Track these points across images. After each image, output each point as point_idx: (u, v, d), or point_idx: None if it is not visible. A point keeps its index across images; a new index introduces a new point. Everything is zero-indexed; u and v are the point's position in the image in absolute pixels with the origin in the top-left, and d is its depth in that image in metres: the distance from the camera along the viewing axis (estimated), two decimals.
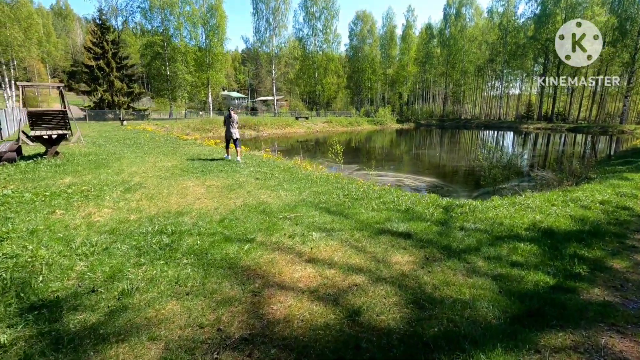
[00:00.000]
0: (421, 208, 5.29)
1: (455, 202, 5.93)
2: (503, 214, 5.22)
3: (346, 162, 18.44)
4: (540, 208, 5.70)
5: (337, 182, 7.23)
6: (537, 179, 10.40)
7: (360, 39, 59.82)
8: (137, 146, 12.36)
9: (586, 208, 5.74)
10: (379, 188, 6.77)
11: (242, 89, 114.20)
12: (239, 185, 6.73)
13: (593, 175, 9.56)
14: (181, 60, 37.67)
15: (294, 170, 8.43)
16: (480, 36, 56.59)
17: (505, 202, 6.15)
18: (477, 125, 52.56)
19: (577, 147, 27.02)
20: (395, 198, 5.85)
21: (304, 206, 5.30)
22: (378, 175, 14.23)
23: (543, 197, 6.80)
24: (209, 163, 9.25)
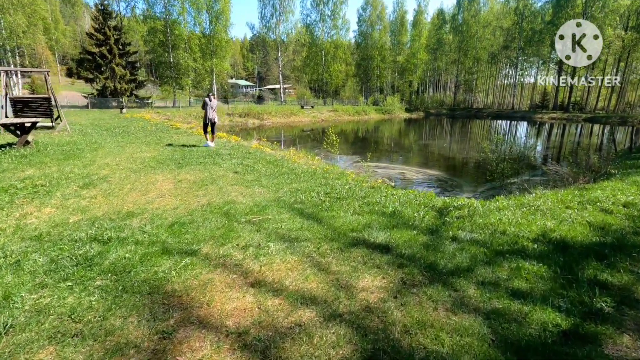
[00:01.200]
0: (411, 211, 4.55)
1: (453, 202, 5.17)
2: (508, 218, 4.45)
3: (348, 153, 17.67)
4: (552, 211, 4.90)
5: (323, 177, 6.51)
6: (550, 174, 9.50)
7: (369, 24, 57.98)
8: (123, 135, 11.79)
9: (607, 212, 4.93)
10: (368, 185, 6.04)
11: (250, 77, 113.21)
12: (213, 180, 6.06)
13: (613, 171, 8.63)
14: (184, 47, 36.94)
15: (280, 163, 7.72)
16: (494, 21, 54.28)
17: (511, 204, 5.36)
18: (489, 114, 50.85)
19: (594, 139, 25.64)
20: (383, 198, 5.11)
21: (276, 206, 4.62)
22: (379, 167, 13.46)
23: (556, 196, 5.98)
24: (192, 153, 8.60)
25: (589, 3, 43.18)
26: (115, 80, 33.93)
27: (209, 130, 10.31)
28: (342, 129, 32.24)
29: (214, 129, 10.36)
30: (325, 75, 55.67)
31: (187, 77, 37.80)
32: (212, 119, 10.12)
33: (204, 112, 10.20)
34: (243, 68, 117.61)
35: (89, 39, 34.43)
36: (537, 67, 60.14)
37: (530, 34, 49.61)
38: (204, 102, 10.15)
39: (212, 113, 10.08)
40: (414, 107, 54.92)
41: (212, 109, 10.10)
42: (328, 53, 54.10)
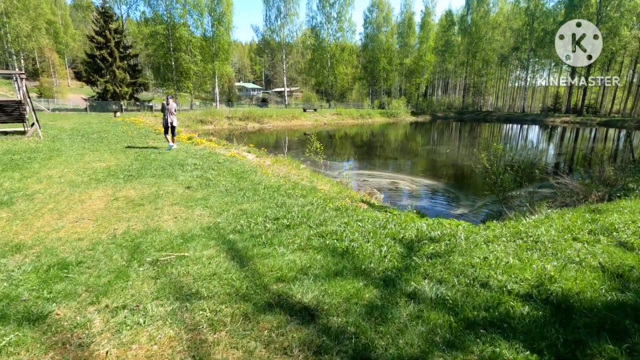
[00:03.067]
0: (372, 246, 3.59)
1: (431, 231, 4.20)
2: (496, 257, 3.46)
3: (343, 159, 16.72)
4: (555, 245, 3.89)
5: (285, 195, 5.58)
6: (558, 187, 8.41)
7: (376, 26, 57.00)
8: (96, 141, 11.06)
9: (625, 247, 3.89)
10: (335, 205, 5.08)
11: (257, 80, 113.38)
12: (156, 197, 5.20)
13: (632, 185, 7.51)
14: (185, 49, 36.52)
15: (246, 176, 6.82)
16: (504, 22, 52.80)
17: (505, 232, 4.36)
18: (499, 118, 49.28)
19: (608, 144, 24.17)
20: (343, 225, 4.16)
21: (205, 237, 3.72)
22: (372, 176, 12.50)
23: (562, 221, 4.95)
24: (154, 163, 7.77)
25: (603, 3, 41.54)
26: (116, 84, 33.64)
27: (170, 132, 10.34)
28: (343, 133, 31.29)
29: (174, 131, 10.35)
30: (330, 78, 54.86)
31: (189, 80, 37.34)
32: (170, 122, 10.15)
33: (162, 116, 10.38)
34: (251, 71, 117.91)
35: (89, 42, 34.26)
36: (549, 69, 58.32)
37: (542, 35, 48.00)
38: (162, 105, 10.20)
39: (170, 117, 10.13)
40: (420, 110, 53.62)
41: (171, 112, 10.15)
42: (333, 55, 53.30)
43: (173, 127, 10.25)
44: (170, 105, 10.12)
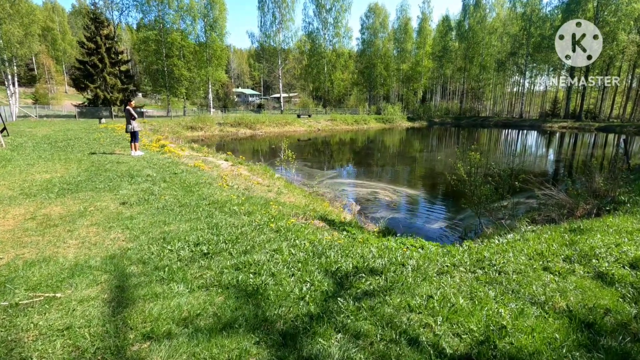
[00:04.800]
0: (294, 282, 2.98)
1: (375, 260, 3.58)
2: (442, 297, 2.84)
3: (329, 167, 16.13)
4: (520, 277, 3.27)
5: (228, 212, 4.98)
6: (543, 200, 7.79)
7: (373, 32, 56.71)
8: (60, 149, 10.49)
9: (604, 280, 3.27)
10: (277, 227, 4.46)
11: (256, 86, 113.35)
12: (79, 215, 4.61)
13: (622, 198, 6.88)
14: (178, 55, 36.17)
15: (196, 189, 6.22)
16: (501, 27, 52.48)
17: (465, 260, 3.74)
18: (496, 123, 48.71)
19: (605, 149, 23.53)
20: (271, 254, 3.54)
21: (100, 270, 3.11)
22: (353, 185, 11.89)
23: (536, 243, 4.33)
24: (106, 173, 7.17)
25: (600, 7, 41.18)
26: (107, 90, 33.24)
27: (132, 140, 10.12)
28: (336, 139, 30.75)
29: (135, 138, 10.07)
30: (327, 84, 54.51)
31: (182, 86, 36.93)
32: (131, 129, 9.93)
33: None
34: (250, 77, 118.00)
35: (80, 48, 33.96)
36: (547, 74, 57.92)
37: (539, 40, 47.59)
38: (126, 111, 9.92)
39: (131, 123, 9.92)
40: (417, 116, 53.10)
41: (130, 119, 9.93)
42: (330, 61, 52.98)
43: (134, 133, 9.72)
44: (127, 112, 9.81)
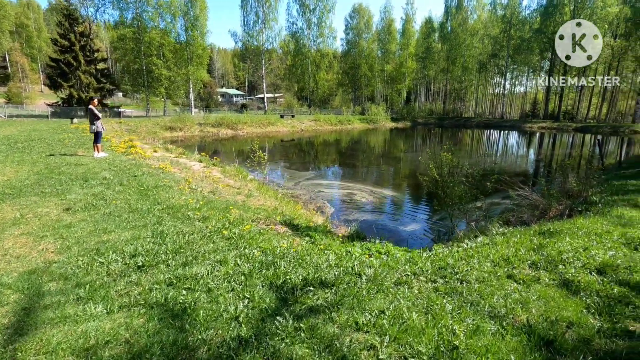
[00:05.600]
0: (232, 298, 2.68)
1: (329, 271, 3.30)
2: (395, 312, 2.59)
3: (307, 168, 15.83)
4: (482, 288, 3.04)
5: (181, 218, 4.63)
6: (517, 201, 7.69)
7: (357, 33, 56.71)
8: (17, 150, 9.85)
9: (569, 288, 3.07)
10: (231, 234, 4.13)
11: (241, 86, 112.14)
12: (13, 223, 4.18)
13: (594, 198, 6.82)
14: (157, 54, 35.24)
15: (153, 193, 5.83)
16: (482, 29, 53.28)
17: (427, 268, 3.50)
18: (478, 124, 49.39)
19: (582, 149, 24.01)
20: (213, 266, 3.22)
21: (12, 288, 2.74)
22: (330, 186, 11.63)
23: (504, 248, 4.14)
24: (59, 176, 6.68)
25: (577, 11, 42.20)
26: (82, 89, 32.10)
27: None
28: (319, 140, 30.49)
29: (98, 139, 9.48)
30: (311, 84, 54.23)
31: (161, 86, 35.99)
32: (95, 129, 9.33)
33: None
34: (234, 77, 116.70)
35: (53, 45, 32.71)
36: (527, 76, 59.17)
37: (519, 42, 48.52)
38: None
39: (94, 123, 9.36)
40: (401, 117, 53.37)
41: (92, 118, 9.33)
42: (314, 61, 52.72)
43: (97, 134, 9.21)
44: (90, 110, 9.27)
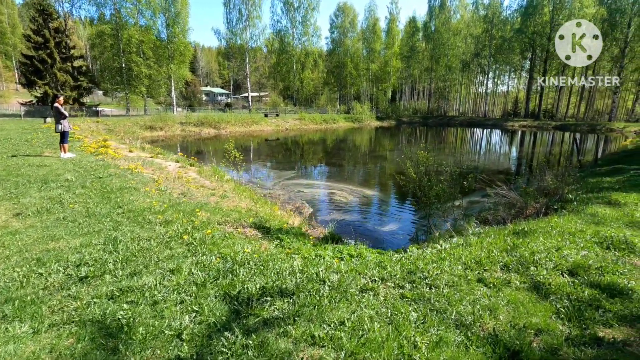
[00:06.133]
0: (179, 310, 2.45)
1: (292, 278, 3.11)
2: (356, 321, 2.42)
3: (290, 168, 15.59)
4: (450, 293, 2.90)
5: (141, 222, 4.36)
6: (494, 199, 7.66)
7: (342, 31, 56.61)
8: None
9: (539, 291, 2.96)
10: (192, 239, 3.89)
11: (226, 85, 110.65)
12: None
13: (570, 196, 6.82)
14: (137, 51, 34.28)
15: (116, 195, 5.51)
16: (465, 29, 53.93)
17: (396, 272, 3.34)
18: (461, 123, 50.04)
19: (560, 147, 24.52)
20: (163, 275, 2.99)
21: None
22: (311, 186, 11.44)
23: (478, 249, 4.03)
24: (16, 178, 6.28)
25: (556, 12, 43.13)
26: (57, 87, 30.96)
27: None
28: (303, 139, 30.25)
29: (64, 139, 9.02)
30: (296, 83, 53.89)
31: (141, 84, 35.04)
32: (61, 128, 8.91)
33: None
34: (219, 76, 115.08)
35: (26, 42, 31.46)
36: (509, 75, 60.24)
37: (501, 42, 49.34)
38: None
39: (60, 122, 8.93)
40: (386, 115, 53.59)
41: (58, 117, 8.90)
42: (299, 60, 52.40)
43: (63, 134, 8.78)
44: (56, 108, 8.82)
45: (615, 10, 37.96)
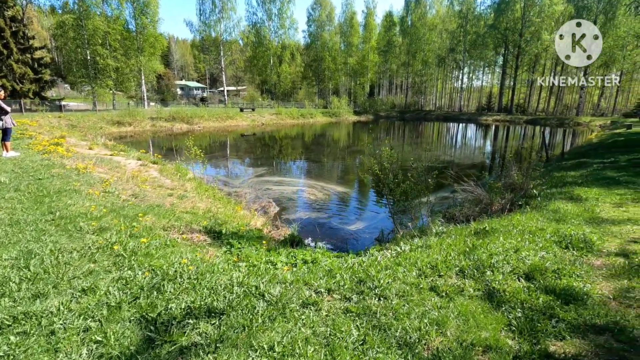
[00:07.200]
0: (78, 343, 2.09)
1: (227, 293, 2.80)
2: (287, 344, 2.13)
3: (263, 164, 15.16)
4: (399, 305, 2.67)
5: (71, 230, 3.92)
6: (463, 195, 7.58)
7: (319, 25, 56.01)
8: None
9: (492, 300, 2.78)
10: (121, 250, 3.50)
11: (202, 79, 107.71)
12: None
13: (534, 192, 6.80)
14: (103, 43, 32.57)
15: (50, 199, 5.01)
16: (440, 24, 54.49)
17: (345, 281, 3.08)
18: (437, 117, 50.73)
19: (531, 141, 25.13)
20: (80, 295, 2.61)
21: None
22: (280, 183, 11.09)
23: (437, 251, 3.83)
24: None
25: (527, 8, 44.10)
26: (15, 80, 29.08)
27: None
28: (279, 134, 29.75)
29: (6, 136, 8.37)
30: (274, 77, 53.01)
31: (107, 77, 33.38)
32: (1, 125, 8.26)
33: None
34: (194, 69, 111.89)
35: None
36: (483, 71, 61.45)
37: (475, 37, 50.13)
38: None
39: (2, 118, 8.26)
40: (364, 110, 53.63)
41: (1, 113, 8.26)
42: (275, 53, 51.49)
43: (5, 131, 8.08)
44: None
45: (582, 7, 39.21)
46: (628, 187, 6.65)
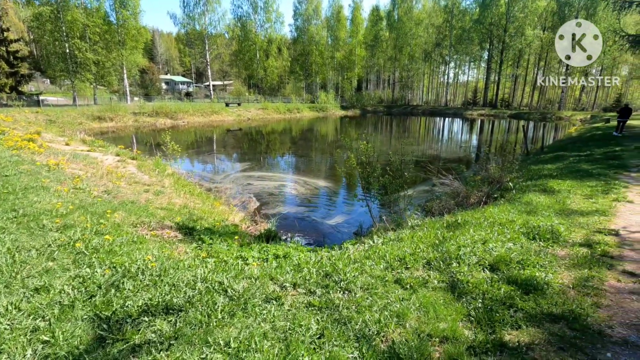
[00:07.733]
0: (23, 344, 2.02)
1: (190, 288, 2.75)
2: (247, 338, 2.11)
3: (245, 160, 15.02)
4: (363, 298, 2.67)
5: (34, 228, 3.79)
6: (442, 188, 7.65)
7: (306, 19, 55.43)
8: None
9: (454, 291, 2.80)
10: (80, 247, 3.41)
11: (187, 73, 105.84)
12: None
13: (510, 184, 6.90)
14: (81, 36, 31.60)
15: (14, 197, 4.84)
16: (427, 19, 54.59)
17: (311, 275, 3.07)
18: (424, 112, 51.08)
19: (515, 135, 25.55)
20: (32, 294, 2.53)
21: None
22: (262, 178, 11.01)
23: (406, 245, 3.85)
24: None
25: (511, 4, 44.53)
26: None
27: None
28: (265, 129, 29.51)
29: None
30: (260, 71, 52.41)
31: (87, 71, 32.45)
32: None
33: None
34: (180, 63, 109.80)
35: None
36: (468, 65, 62.02)
37: (460, 32, 50.45)
38: None
39: None
40: (351, 105, 53.61)
41: None
42: (261, 47, 50.86)
43: None
44: None
45: (564, 3, 39.81)
46: (599, 180, 6.81)
